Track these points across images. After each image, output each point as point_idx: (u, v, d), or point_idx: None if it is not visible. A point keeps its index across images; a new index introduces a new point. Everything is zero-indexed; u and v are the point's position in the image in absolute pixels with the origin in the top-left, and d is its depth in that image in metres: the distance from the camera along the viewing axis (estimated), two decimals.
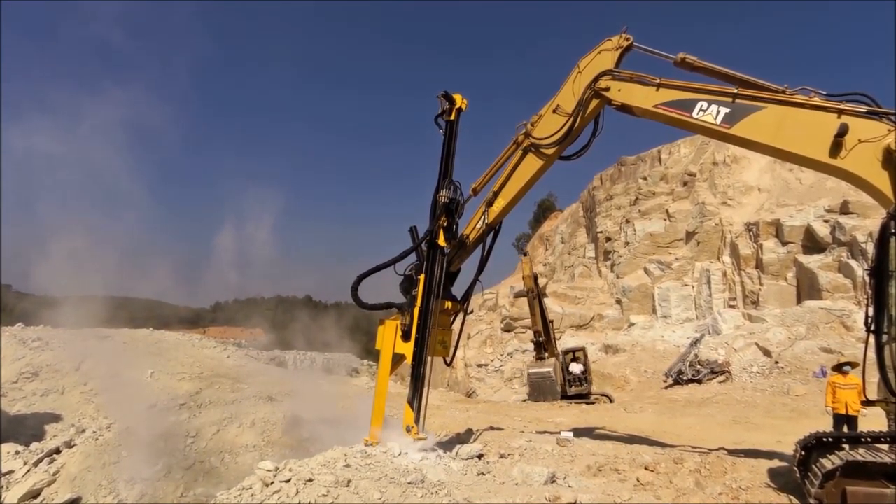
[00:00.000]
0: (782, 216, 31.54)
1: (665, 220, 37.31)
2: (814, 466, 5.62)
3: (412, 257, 8.85)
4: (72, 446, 11.58)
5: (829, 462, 5.36)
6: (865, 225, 27.17)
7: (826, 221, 29.42)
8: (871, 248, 26.40)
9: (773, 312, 27.82)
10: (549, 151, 8.71)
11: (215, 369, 18.47)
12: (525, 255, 17.99)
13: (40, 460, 10.99)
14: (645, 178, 40.62)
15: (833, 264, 27.91)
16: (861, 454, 5.40)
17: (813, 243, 29.61)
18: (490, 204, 9.11)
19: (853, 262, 26.90)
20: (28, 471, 10.69)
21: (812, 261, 28.81)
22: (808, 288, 28.45)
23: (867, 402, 7.07)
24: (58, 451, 11.44)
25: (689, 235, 35.53)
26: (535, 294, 17.59)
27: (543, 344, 16.83)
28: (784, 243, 30.69)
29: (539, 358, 16.42)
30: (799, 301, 28.52)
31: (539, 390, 14.96)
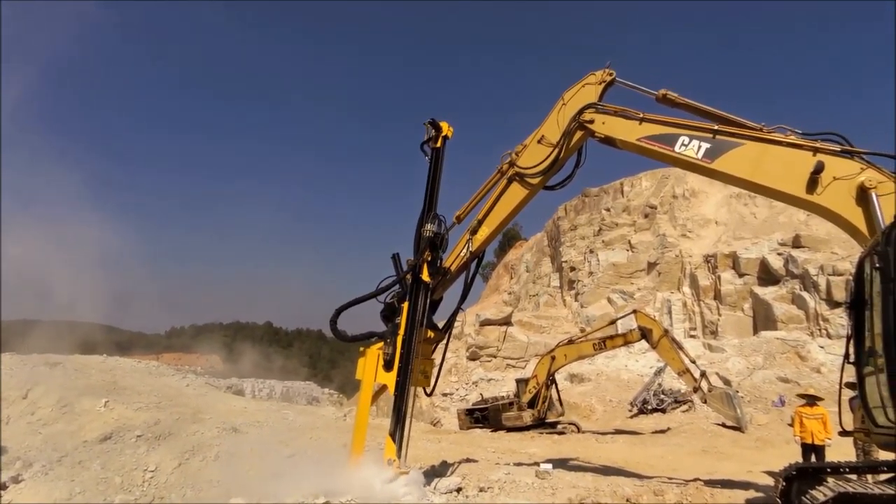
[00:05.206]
0: (738, 248, 32.63)
1: (627, 250, 38.12)
2: (803, 498, 5.68)
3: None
4: (19, 482, 10.78)
5: (821, 494, 5.43)
6: (816, 258, 28.37)
7: (780, 254, 30.56)
8: (822, 281, 27.57)
9: (731, 342, 28.54)
10: (535, 181, 8.79)
11: (174, 398, 17.62)
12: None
13: None
14: (608, 210, 41.61)
15: (787, 296, 28.93)
16: (852, 486, 5.50)
17: (768, 275, 30.67)
18: (474, 232, 9.09)
19: (805, 294, 27.95)
20: None
21: (767, 292, 29.81)
22: (763, 318, 29.35)
23: (844, 433, 7.24)
24: (4, 487, 10.63)
25: (651, 266, 36.34)
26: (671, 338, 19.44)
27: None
28: (741, 275, 31.69)
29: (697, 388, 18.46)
30: (755, 331, 29.36)
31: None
